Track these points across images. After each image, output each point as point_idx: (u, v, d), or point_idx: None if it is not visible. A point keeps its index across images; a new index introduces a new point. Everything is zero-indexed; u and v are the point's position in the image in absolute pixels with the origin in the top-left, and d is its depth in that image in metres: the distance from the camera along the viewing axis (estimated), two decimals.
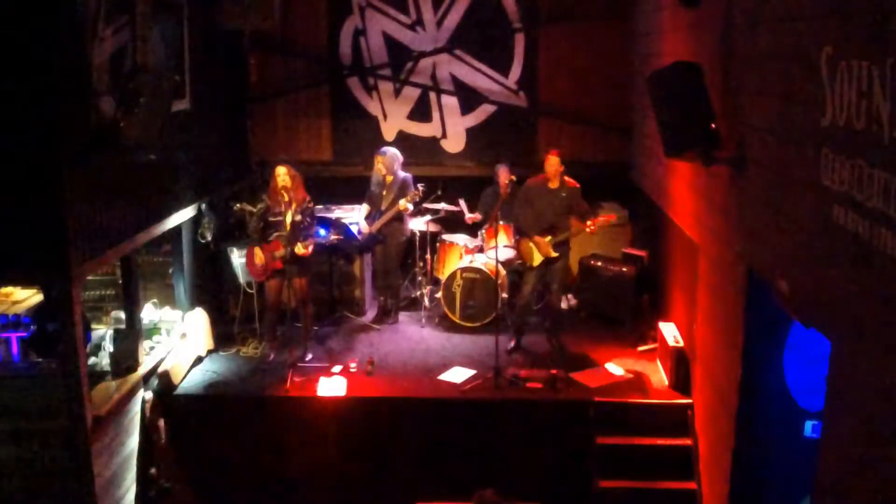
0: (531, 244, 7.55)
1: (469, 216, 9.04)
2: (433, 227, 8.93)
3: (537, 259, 7.54)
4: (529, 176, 7.77)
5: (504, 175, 8.49)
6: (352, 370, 7.35)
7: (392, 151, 8.54)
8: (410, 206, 8.31)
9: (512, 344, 7.85)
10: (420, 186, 8.24)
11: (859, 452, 3.31)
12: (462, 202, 9.08)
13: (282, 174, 7.35)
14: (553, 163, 7.42)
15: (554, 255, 7.49)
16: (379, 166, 8.42)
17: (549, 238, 7.49)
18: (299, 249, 7.25)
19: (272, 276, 7.48)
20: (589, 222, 7.40)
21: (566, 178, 7.51)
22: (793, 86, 4.11)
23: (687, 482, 6.40)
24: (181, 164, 7.58)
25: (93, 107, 5.76)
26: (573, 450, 6.71)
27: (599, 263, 8.73)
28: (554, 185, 7.47)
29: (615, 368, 7.39)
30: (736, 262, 5.26)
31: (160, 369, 7.00)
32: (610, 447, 6.57)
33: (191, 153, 7.85)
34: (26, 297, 6.95)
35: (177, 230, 7.67)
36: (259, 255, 7.37)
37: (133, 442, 6.55)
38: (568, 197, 7.48)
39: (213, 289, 8.48)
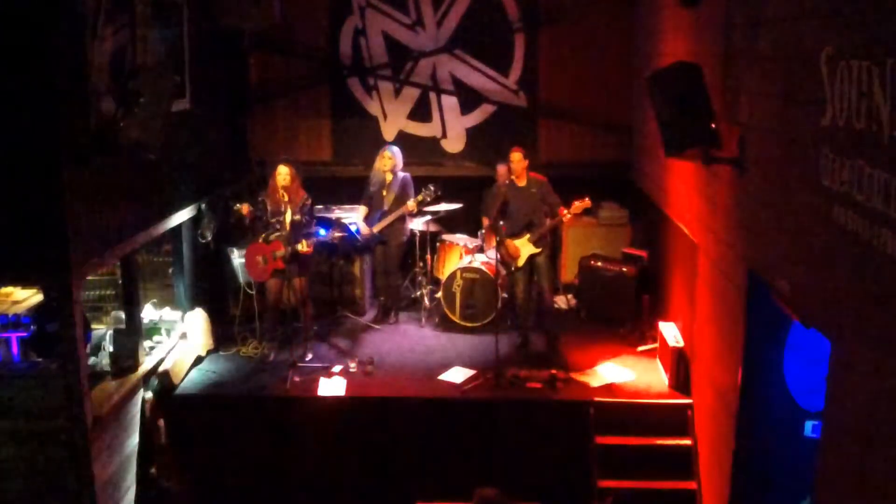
0: (510, 247, 7.57)
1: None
2: (433, 227, 8.92)
3: (521, 259, 7.58)
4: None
5: (503, 174, 8.51)
6: (352, 370, 7.35)
7: (398, 149, 8.56)
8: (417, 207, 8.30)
9: (520, 341, 7.90)
10: (431, 187, 8.18)
11: (859, 452, 3.31)
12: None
13: (283, 174, 7.36)
14: (516, 159, 7.52)
15: (536, 250, 7.53)
16: (385, 161, 8.41)
17: (527, 236, 7.53)
18: (302, 247, 7.26)
19: (273, 276, 7.48)
20: (564, 211, 7.40)
21: (532, 173, 7.60)
22: (793, 86, 4.11)
23: (687, 482, 6.40)
24: (181, 164, 7.57)
25: (93, 107, 5.76)
26: (573, 450, 6.70)
27: (599, 263, 8.73)
28: (522, 182, 7.55)
29: (615, 368, 7.39)
30: (736, 262, 5.26)
31: (160, 369, 7.00)
32: (610, 447, 6.57)
33: (191, 153, 7.85)
34: (26, 297, 6.95)
35: (177, 230, 7.67)
36: (262, 247, 7.36)
37: (133, 442, 6.55)
38: (538, 192, 7.56)
39: (213, 289, 8.47)
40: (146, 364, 6.85)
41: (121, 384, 6.42)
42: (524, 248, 7.57)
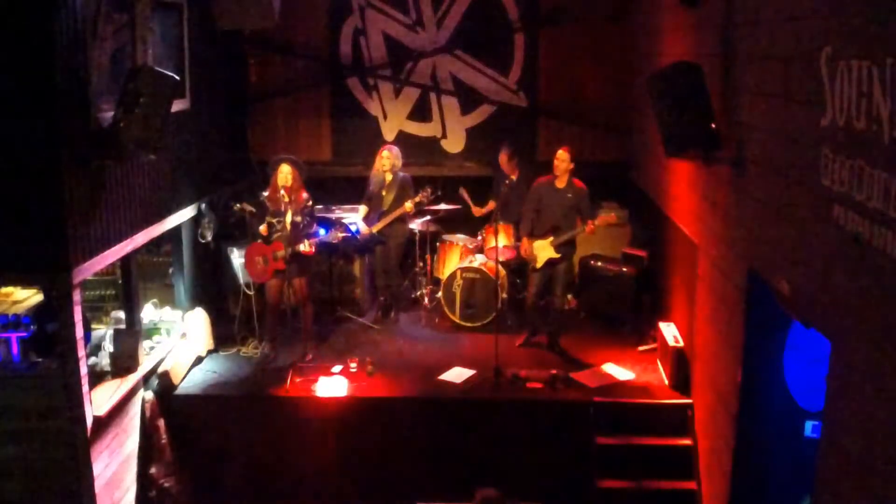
0: (533, 246, 7.53)
1: (476, 209, 9.01)
2: (433, 227, 8.92)
3: (541, 261, 7.53)
4: (530, 174, 7.79)
5: (503, 158, 8.54)
6: (352, 370, 7.35)
7: (397, 148, 8.56)
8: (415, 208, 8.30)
9: (520, 341, 7.86)
10: (429, 188, 8.18)
11: (859, 452, 3.31)
12: (464, 193, 9.03)
13: (284, 173, 7.36)
14: (562, 158, 7.40)
15: (556, 255, 7.48)
16: (384, 161, 8.41)
17: (550, 239, 7.48)
18: (304, 248, 7.25)
19: (273, 277, 7.48)
20: (588, 223, 7.36)
21: (574, 179, 7.49)
22: (793, 86, 4.11)
23: (687, 482, 6.40)
24: (181, 164, 7.58)
25: (93, 107, 5.76)
26: (573, 450, 6.70)
27: (599, 263, 8.73)
28: (561, 184, 7.46)
29: (615, 368, 7.39)
30: (736, 262, 5.26)
31: (160, 369, 7.01)
32: (610, 447, 6.57)
33: (191, 153, 7.85)
34: (26, 297, 6.94)
35: (177, 230, 7.67)
36: (263, 248, 7.36)
37: (133, 442, 6.55)
38: (574, 198, 7.45)
39: (213, 289, 8.48)
40: (146, 364, 6.85)
41: (121, 384, 6.42)
42: (545, 251, 7.49)
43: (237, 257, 8.24)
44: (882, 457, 3.08)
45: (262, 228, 7.36)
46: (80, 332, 5.67)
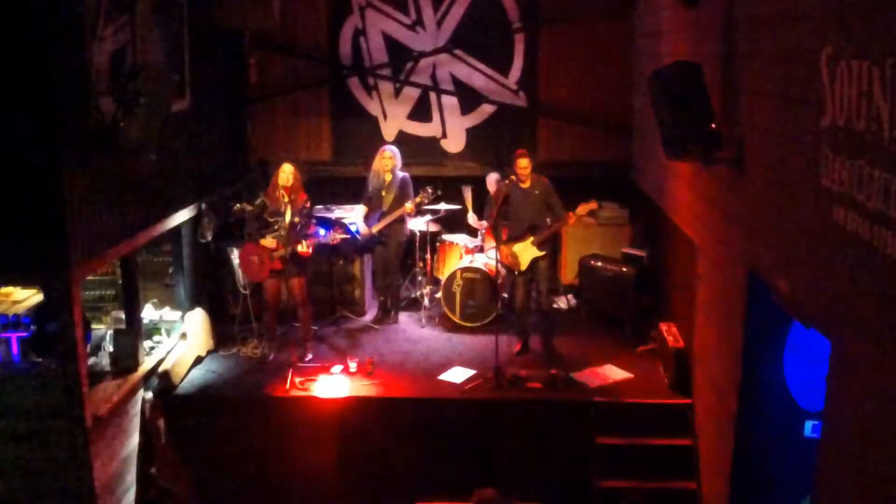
0: (514, 250, 7.51)
1: (475, 222, 8.97)
2: (433, 227, 8.92)
3: (525, 262, 7.50)
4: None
5: (490, 185, 8.54)
6: (352, 370, 7.35)
7: (396, 148, 8.57)
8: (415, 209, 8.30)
9: (518, 348, 7.78)
10: (429, 189, 8.19)
11: (859, 452, 3.31)
12: (468, 194, 9.00)
13: (286, 172, 7.36)
14: (523, 165, 7.39)
15: (540, 254, 7.47)
16: (385, 161, 8.40)
17: (530, 239, 7.45)
18: (302, 248, 7.25)
19: (270, 276, 7.48)
20: (569, 214, 7.30)
21: (534, 174, 7.49)
22: (793, 86, 4.11)
23: (687, 482, 6.40)
24: (181, 164, 7.58)
25: (93, 107, 5.76)
26: (573, 450, 6.71)
27: (599, 263, 8.72)
28: (526, 184, 7.46)
29: (615, 368, 7.39)
30: (736, 262, 5.26)
31: (160, 369, 7.00)
32: (610, 447, 6.57)
33: (191, 153, 7.85)
34: (26, 297, 6.95)
35: (177, 230, 7.67)
36: (258, 248, 7.35)
37: (133, 442, 6.55)
38: (542, 193, 7.46)
39: (213, 289, 8.48)
40: (146, 364, 6.85)
41: (121, 384, 6.42)
42: (527, 251, 7.47)
43: (237, 257, 8.24)
44: (882, 457, 3.08)
45: (269, 242, 7.33)
46: (80, 332, 5.67)
